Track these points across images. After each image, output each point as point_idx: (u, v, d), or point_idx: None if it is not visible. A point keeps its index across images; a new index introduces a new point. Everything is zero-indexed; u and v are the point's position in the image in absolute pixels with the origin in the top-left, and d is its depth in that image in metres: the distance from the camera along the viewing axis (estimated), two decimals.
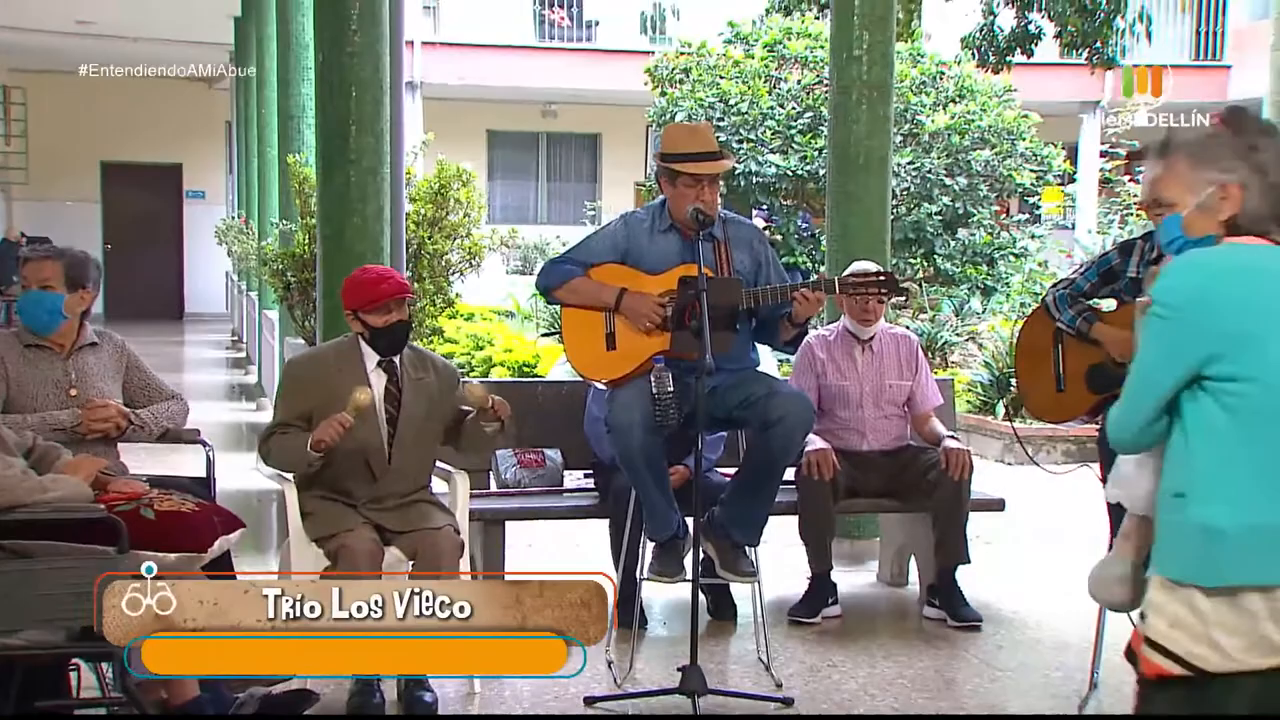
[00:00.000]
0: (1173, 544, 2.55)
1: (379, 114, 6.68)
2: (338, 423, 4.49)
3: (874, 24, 6.97)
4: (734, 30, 14.86)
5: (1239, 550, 2.47)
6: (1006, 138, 13.85)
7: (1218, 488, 2.50)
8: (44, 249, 4.77)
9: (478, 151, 22.25)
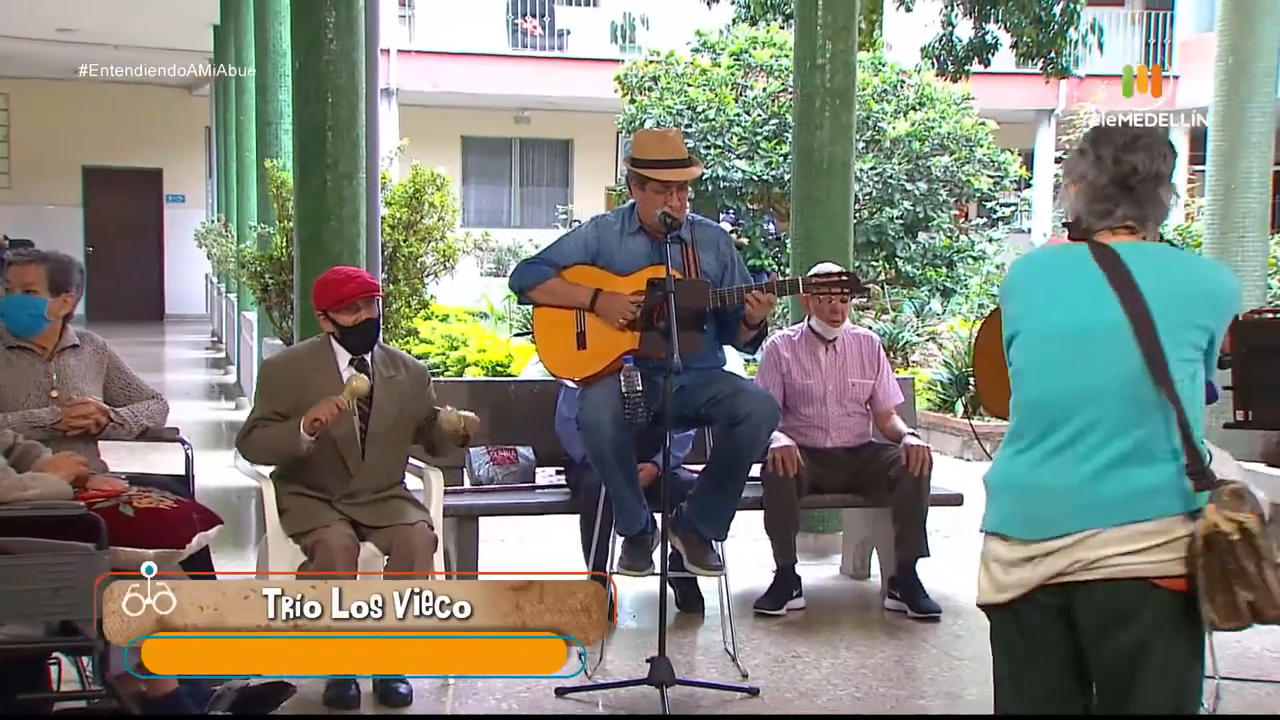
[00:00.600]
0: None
1: (355, 120, 6.64)
2: (334, 404, 4.49)
3: (836, 34, 6.97)
4: (701, 40, 14.87)
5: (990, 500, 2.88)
6: (965, 144, 13.91)
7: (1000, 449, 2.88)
8: (28, 253, 4.72)
9: (452, 156, 22.20)
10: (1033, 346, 2.80)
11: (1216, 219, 7.52)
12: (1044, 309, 2.80)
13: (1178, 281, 2.72)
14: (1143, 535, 2.62)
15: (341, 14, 6.55)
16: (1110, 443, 2.66)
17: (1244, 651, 5.30)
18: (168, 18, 17.10)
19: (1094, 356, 2.71)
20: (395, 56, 20.68)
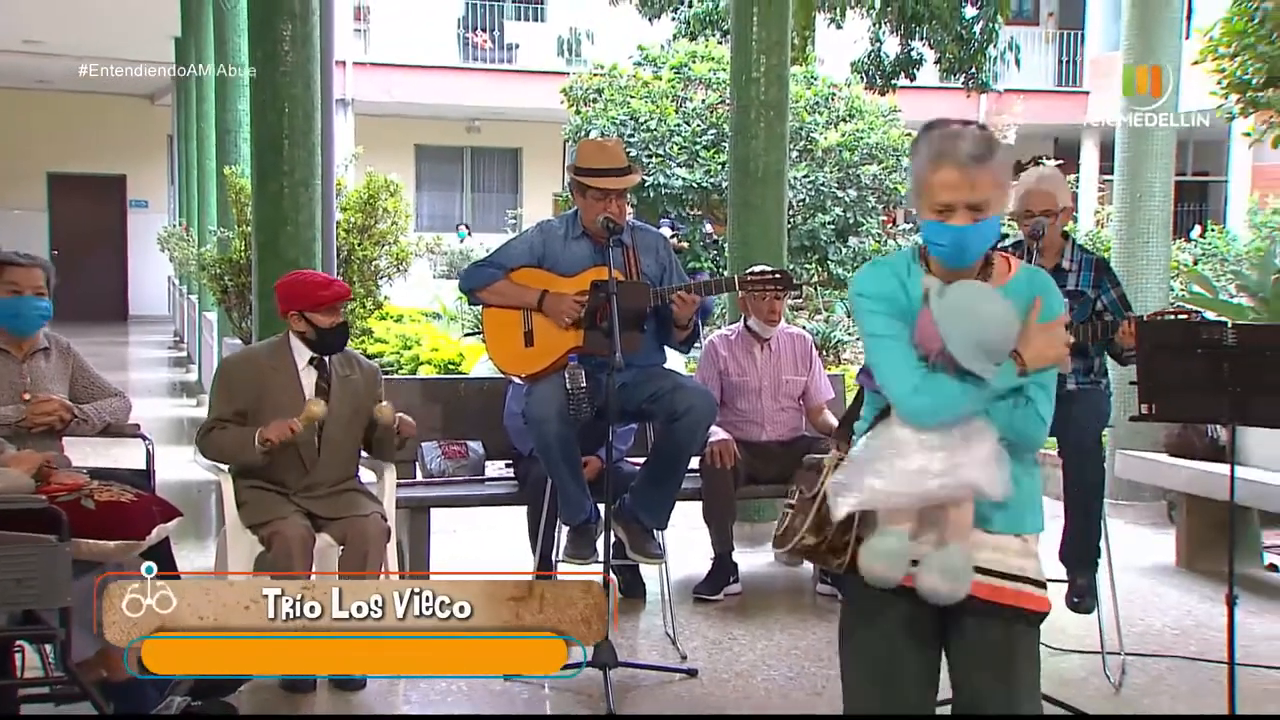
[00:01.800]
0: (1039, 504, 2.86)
1: (310, 129, 6.60)
2: (288, 426, 4.49)
3: (770, 49, 7.00)
4: (643, 54, 14.86)
5: None
6: (892, 154, 13.96)
7: None
8: (29, 257, 4.62)
9: (406, 164, 22.09)
10: None
11: (1124, 226, 7.61)
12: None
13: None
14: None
15: (297, 28, 6.50)
16: None
17: (1146, 630, 5.38)
18: (131, 30, 16.89)
19: None
20: (351, 68, 20.56)
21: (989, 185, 2.68)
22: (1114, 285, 4.92)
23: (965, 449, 2.67)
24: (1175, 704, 4.48)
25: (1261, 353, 3.95)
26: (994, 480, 2.66)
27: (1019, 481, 2.73)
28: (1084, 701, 4.39)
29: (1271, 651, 5.13)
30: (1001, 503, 2.70)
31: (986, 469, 2.65)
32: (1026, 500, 2.78)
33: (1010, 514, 2.76)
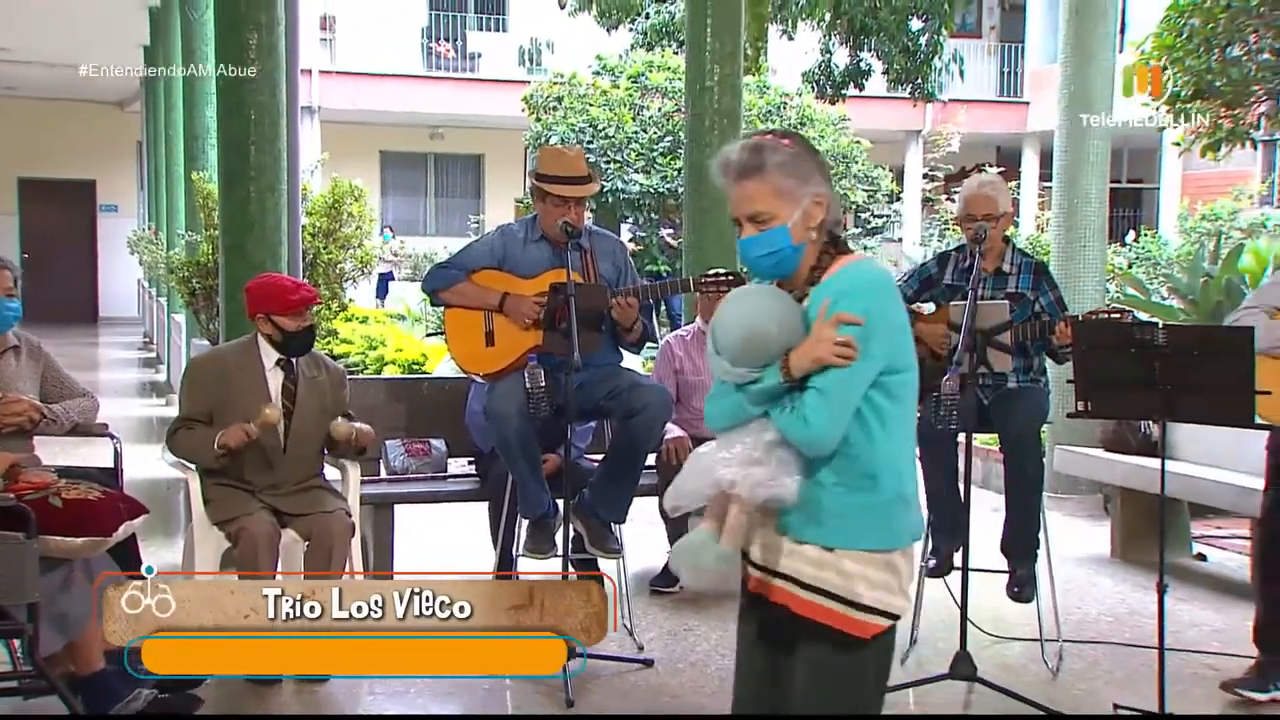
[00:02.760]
0: (871, 520, 2.59)
1: (276, 135, 6.54)
2: (244, 432, 4.47)
3: (724, 59, 7.01)
4: (602, 63, 14.85)
5: (915, 512, 2.68)
6: (842, 161, 14.03)
7: (901, 465, 2.64)
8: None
9: (371, 170, 21.98)
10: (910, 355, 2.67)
11: (1062, 230, 7.68)
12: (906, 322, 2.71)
13: None
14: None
15: (263, 36, 6.44)
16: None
17: (1083, 618, 5.43)
18: (100, 39, 16.73)
19: None
20: (317, 76, 20.43)
21: (766, 196, 2.61)
22: (1052, 288, 4.96)
23: (725, 448, 2.60)
24: (1110, 689, 4.52)
25: (1190, 353, 3.99)
26: (750, 480, 2.54)
27: (823, 491, 2.58)
28: (1023, 687, 4.42)
29: (1199, 637, 5.20)
30: (806, 509, 2.57)
31: (743, 469, 2.55)
32: (837, 512, 2.59)
33: (810, 522, 2.59)
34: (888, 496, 2.60)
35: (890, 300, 2.63)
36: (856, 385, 2.56)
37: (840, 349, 2.53)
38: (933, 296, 5.07)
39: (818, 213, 2.65)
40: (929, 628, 4.91)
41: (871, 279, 2.64)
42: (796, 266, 2.67)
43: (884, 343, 2.58)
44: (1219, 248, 9.61)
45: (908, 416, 2.66)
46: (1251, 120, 7.87)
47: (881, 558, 2.59)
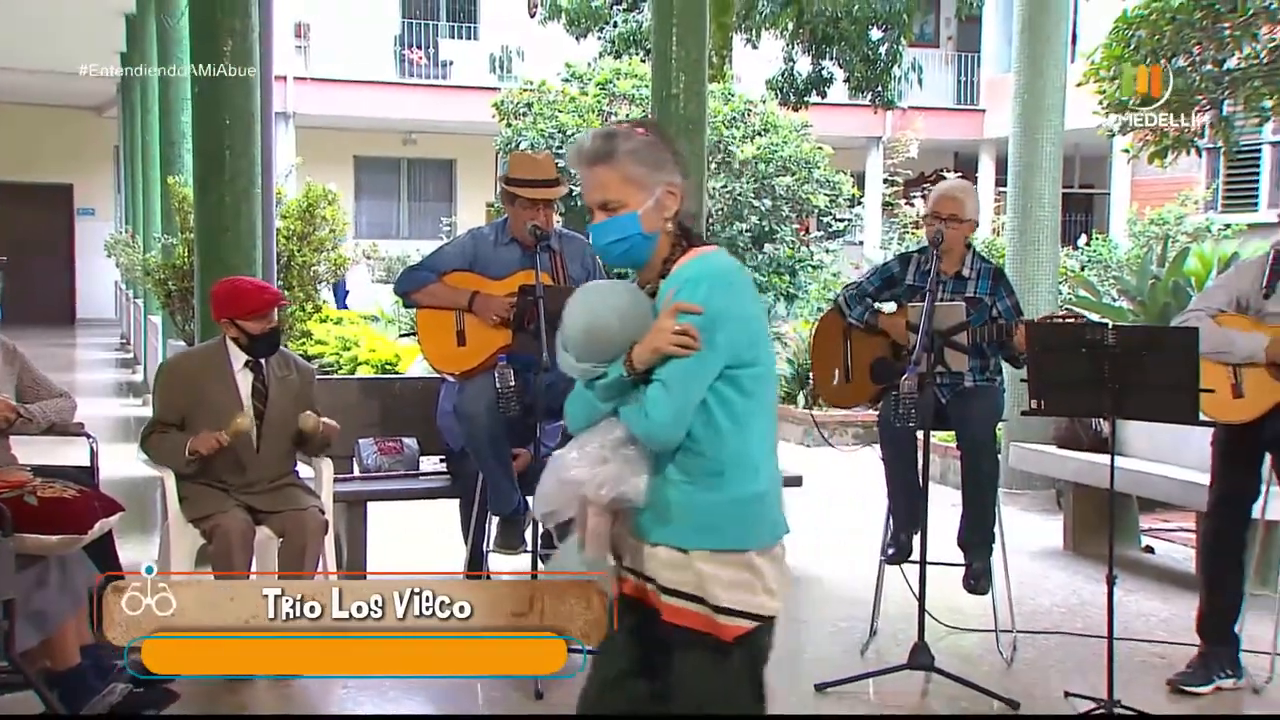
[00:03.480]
0: (720, 519, 2.49)
1: (251, 140, 6.50)
2: (215, 439, 4.45)
3: (689, 67, 7.01)
4: (571, 71, 14.83)
5: (773, 510, 2.56)
6: (804, 166, 14.05)
7: (755, 461, 2.51)
8: None
9: (345, 174, 21.87)
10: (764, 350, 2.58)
11: (1016, 233, 7.72)
12: (761, 316, 2.64)
13: None
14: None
15: (238, 43, 6.40)
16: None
17: (1036, 609, 5.47)
18: (78, 45, 16.56)
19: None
20: (292, 83, 20.30)
21: (617, 183, 2.56)
22: (1009, 294, 4.99)
23: (576, 448, 2.56)
24: (1061, 677, 4.55)
25: (1138, 353, 4.03)
26: (596, 480, 2.48)
27: (672, 489, 2.50)
28: (979, 676, 4.45)
29: (1147, 626, 5.25)
30: (655, 509, 2.50)
31: (590, 469, 2.50)
32: (685, 512, 2.49)
33: (659, 522, 2.52)
34: (737, 494, 2.50)
35: (736, 290, 2.52)
36: (698, 377, 2.46)
37: (678, 338, 2.44)
38: (894, 296, 5.10)
39: (671, 202, 2.58)
40: (888, 619, 4.94)
41: (715, 268, 2.54)
42: (648, 256, 2.60)
43: (729, 333, 2.47)
44: (1166, 251, 9.70)
45: (762, 411, 2.54)
46: (1196, 129, 7.95)
47: (736, 558, 2.49)
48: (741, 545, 2.50)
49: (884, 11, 17.27)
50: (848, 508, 7.48)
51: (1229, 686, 4.41)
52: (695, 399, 2.46)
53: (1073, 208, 21.73)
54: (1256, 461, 4.45)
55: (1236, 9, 7.41)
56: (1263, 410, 4.31)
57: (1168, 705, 4.27)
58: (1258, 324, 4.38)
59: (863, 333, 5.05)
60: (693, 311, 2.45)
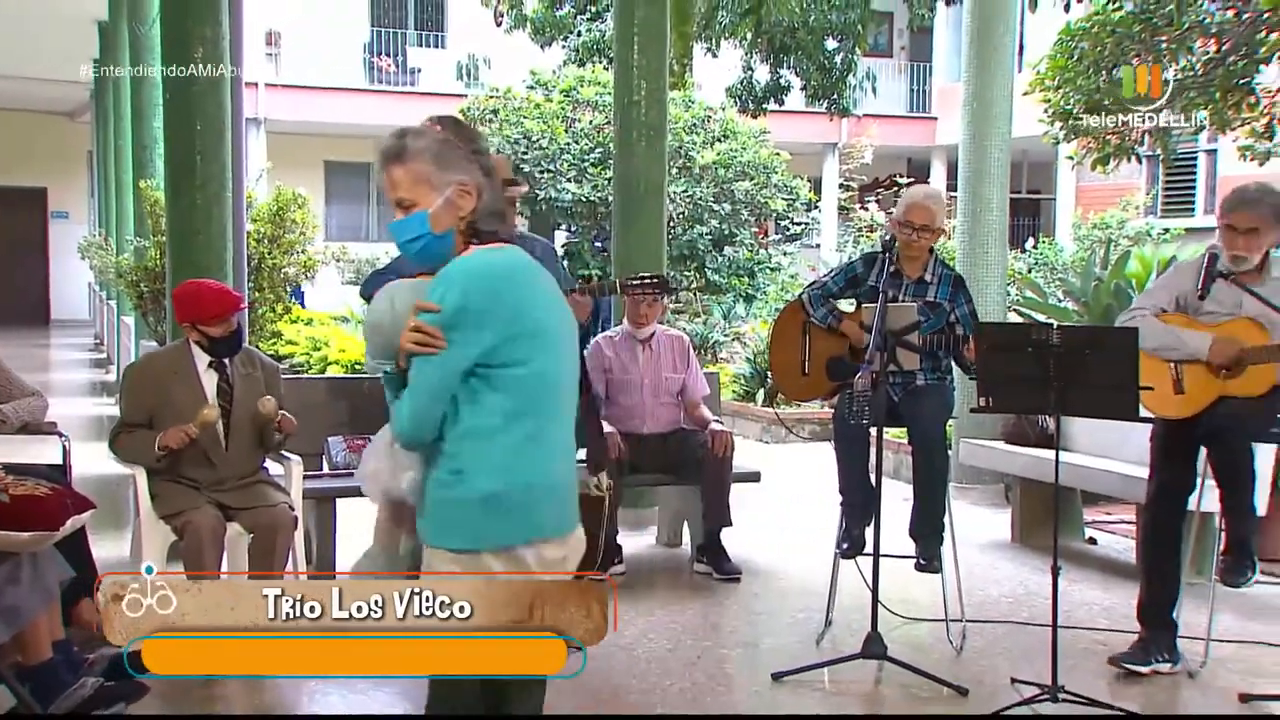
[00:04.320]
0: (456, 518, 2.45)
1: (222, 145, 6.45)
2: (184, 433, 4.41)
3: (650, 75, 7.02)
4: (536, 78, 14.80)
5: (511, 515, 2.46)
6: (763, 171, 14.09)
7: (501, 462, 2.44)
8: None
9: (316, 179, 21.72)
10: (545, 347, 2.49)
11: (965, 237, 7.77)
12: (542, 310, 2.51)
13: None
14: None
15: (209, 50, 6.36)
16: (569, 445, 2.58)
17: (986, 598, 5.50)
18: (52, 51, 16.38)
19: (571, 358, 2.59)
20: (263, 89, 20.18)
21: (407, 181, 2.50)
22: (967, 301, 5.02)
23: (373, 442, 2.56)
24: (1008, 664, 4.58)
25: (1081, 352, 4.07)
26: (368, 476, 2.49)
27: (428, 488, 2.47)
28: (930, 664, 4.47)
29: (1089, 615, 5.29)
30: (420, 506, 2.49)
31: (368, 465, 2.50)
32: (431, 508, 2.47)
33: (420, 518, 2.49)
34: (474, 495, 2.43)
35: (492, 290, 2.43)
36: (438, 375, 2.40)
37: (415, 336, 2.38)
38: (857, 296, 5.11)
39: (464, 201, 2.51)
40: (842, 610, 4.96)
41: (471, 267, 2.46)
42: (444, 255, 2.52)
43: (477, 332, 2.40)
44: (1109, 254, 9.79)
45: (521, 411, 2.45)
46: (1136, 136, 8.03)
47: (469, 559, 2.44)
48: (473, 546, 2.44)
49: (839, 22, 17.36)
50: (804, 502, 7.51)
51: (1166, 671, 4.46)
52: (435, 396, 2.41)
53: (1021, 212, 21.91)
54: (1193, 456, 4.50)
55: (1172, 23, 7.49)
56: (1202, 406, 4.36)
57: (1109, 691, 4.31)
58: (1193, 322, 4.43)
59: (822, 330, 5.06)
60: (429, 310, 2.40)
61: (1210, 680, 4.46)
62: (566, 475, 2.57)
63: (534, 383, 2.46)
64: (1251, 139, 7.76)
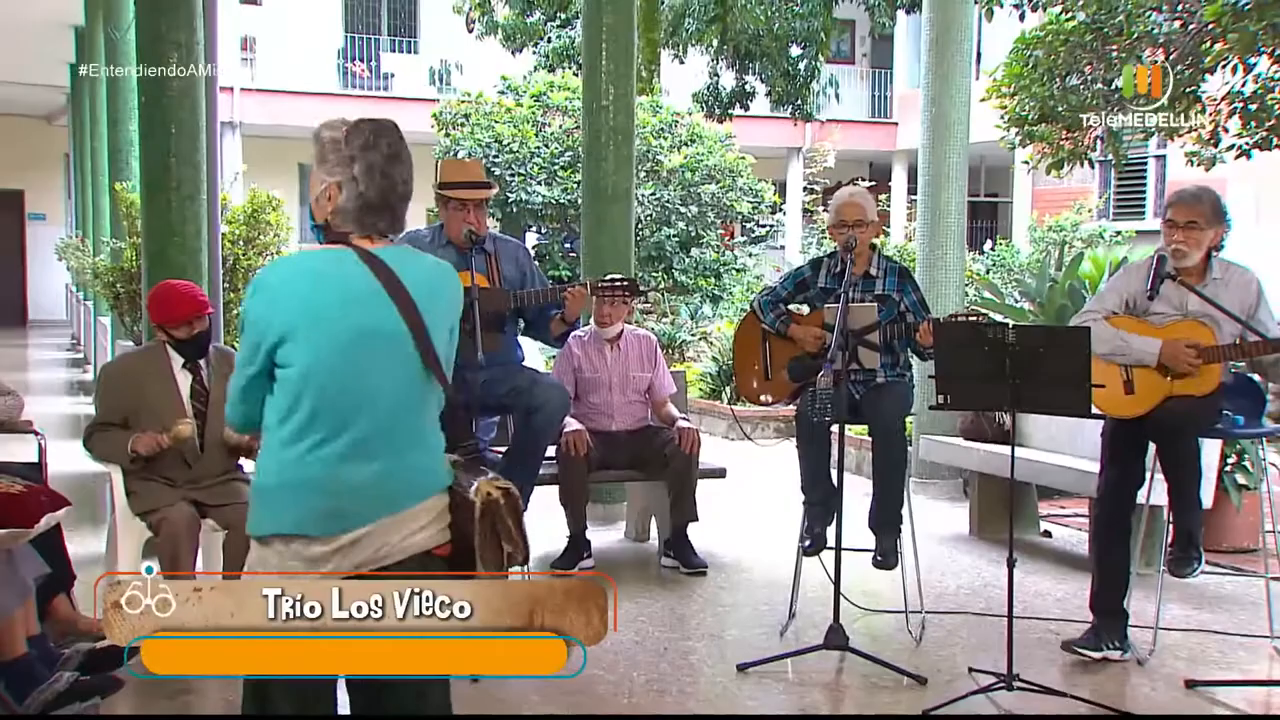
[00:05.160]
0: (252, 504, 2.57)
1: (196, 148, 6.41)
2: (157, 441, 4.38)
3: (618, 81, 7.01)
4: (506, 83, 14.77)
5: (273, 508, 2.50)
6: (729, 175, 14.11)
7: (276, 457, 2.49)
8: None
9: (291, 181, 21.55)
10: (318, 348, 2.47)
11: (925, 239, 7.81)
12: (323, 311, 2.48)
13: (434, 285, 2.59)
14: (423, 514, 2.54)
15: (183, 55, 6.31)
16: (395, 436, 2.52)
17: (943, 591, 5.53)
18: (29, 56, 16.21)
19: (380, 358, 2.50)
20: (238, 94, 20.05)
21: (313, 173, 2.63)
22: (915, 290, 5.06)
23: None
24: (966, 654, 4.61)
25: (1036, 350, 4.10)
26: None
27: None
28: (890, 654, 4.50)
29: (1044, 605, 5.33)
30: None
31: None
32: None
33: None
34: (256, 484, 2.54)
35: (262, 295, 2.48)
36: (236, 374, 2.56)
37: None
38: (807, 299, 5.14)
39: (325, 200, 2.56)
40: (805, 603, 4.97)
41: (260, 274, 2.57)
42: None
43: (253, 334, 2.48)
44: (1063, 256, 9.87)
45: (291, 410, 2.47)
46: (1089, 142, 8.08)
47: (256, 541, 2.54)
48: (253, 531, 2.54)
49: (803, 30, 17.43)
50: (769, 498, 7.52)
51: (1116, 658, 4.50)
52: (234, 394, 2.55)
53: (979, 215, 22.07)
54: (1142, 452, 4.55)
55: (1123, 33, 7.54)
56: (1150, 406, 4.41)
57: (1063, 679, 4.35)
58: (1143, 323, 4.47)
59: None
60: None
61: (1158, 667, 4.50)
62: (350, 476, 2.48)
63: (301, 383, 2.47)
64: (1198, 145, 7.83)
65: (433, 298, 2.56)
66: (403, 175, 2.59)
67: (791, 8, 17.71)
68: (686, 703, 4.14)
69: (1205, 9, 6.92)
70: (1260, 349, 4.26)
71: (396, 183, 2.57)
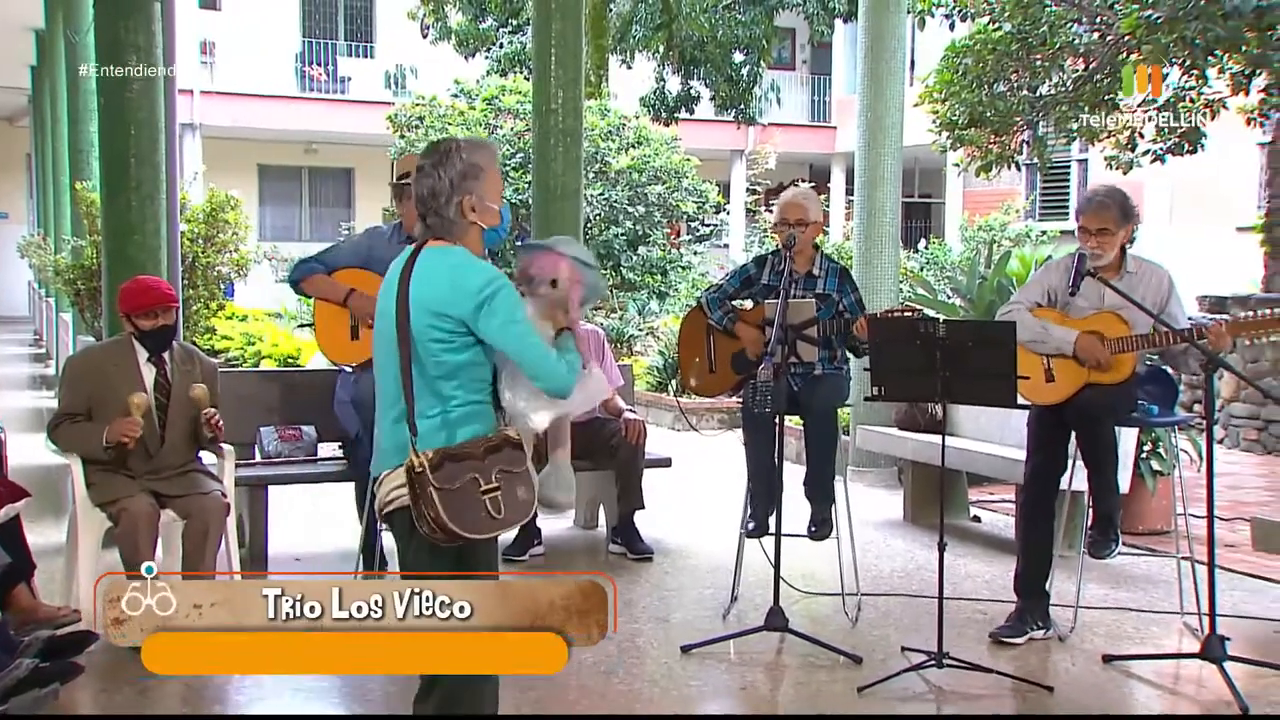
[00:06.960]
0: None
1: (155, 148, 6.30)
2: (130, 425, 4.29)
3: (567, 85, 6.98)
4: (460, 87, 14.68)
5: None
6: (674, 176, 14.11)
7: None
8: None
9: (250, 182, 21.33)
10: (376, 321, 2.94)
11: (861, 238, 7.86)
12: (382, 293, 2.95)
13: (432, 279, 2.83)
14: (401, 475, 2.76)
15: (142, 58, 6.20)
16: (394, 405, 2.83)
17: (878, 574, 5.58)
18: None
19: (384, 337, 2.87)
20: (198, 96, 19.75)
21: None
22: (854, 290, 5.08)
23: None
24: (899, 634, 4.65)
25: (965, 344, 4.14)
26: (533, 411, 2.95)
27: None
28: (828, 635, 4.53)
29: (973, 586, 5.39)
30: None
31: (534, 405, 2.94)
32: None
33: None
34: None
35: None
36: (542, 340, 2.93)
37: None
38: (751, 295, 5.15)
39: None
40: (747, 586, 4.99)
41: None
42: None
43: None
44: (992, 254, 9.97)
45: None
46: (1016, 146, 8.18)
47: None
48: None
49: (745, 37, 17.48)
50: (713, 487, 7.55)
51: (1040, 637, 4.56)
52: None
53: (913, 215, 22.26)
54: (1064, 440, 4.61)
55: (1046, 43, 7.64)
56: (1070, 392, 4.47)
57: (989, 656, 4.40)
58: (1064, 317, 4.54)
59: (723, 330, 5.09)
60: None
61: (1078, 643, 4.57)
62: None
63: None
64: (1117, 150, 7.95)
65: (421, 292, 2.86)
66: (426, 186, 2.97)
67: (734, 16, 17.76)
68: (633, 683, 4.14)
69: (1121, 21, 7.02)
70: (1169, 339, 4.34)
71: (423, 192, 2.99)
